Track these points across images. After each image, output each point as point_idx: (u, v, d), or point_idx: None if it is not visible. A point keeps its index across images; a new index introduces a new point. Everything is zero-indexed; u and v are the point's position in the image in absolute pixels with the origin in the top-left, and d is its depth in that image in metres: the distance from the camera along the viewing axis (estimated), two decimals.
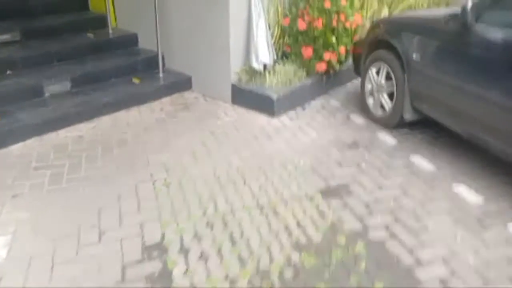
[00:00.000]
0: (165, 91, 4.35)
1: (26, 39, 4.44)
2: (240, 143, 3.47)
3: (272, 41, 4.10)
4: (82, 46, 4.49)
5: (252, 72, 4.10)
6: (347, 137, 3.57)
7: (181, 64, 4.58)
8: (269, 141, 3.51)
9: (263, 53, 3.97)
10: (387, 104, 3.60)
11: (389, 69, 3.51)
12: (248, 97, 4.06)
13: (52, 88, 3.89)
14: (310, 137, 3.59)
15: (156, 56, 4.58)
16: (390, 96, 3.59)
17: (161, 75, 4.51)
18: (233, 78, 4.15)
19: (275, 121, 3.86)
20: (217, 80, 4.27)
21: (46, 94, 3.87)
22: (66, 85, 3.99)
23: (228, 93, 4.21)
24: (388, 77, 3.57)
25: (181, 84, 4.50)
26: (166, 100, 4.28)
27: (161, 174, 3.02)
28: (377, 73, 3.69)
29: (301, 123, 3.83)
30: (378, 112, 3.72)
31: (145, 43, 4.89)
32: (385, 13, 5.10)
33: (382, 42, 3.65)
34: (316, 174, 3.04)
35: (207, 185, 2.91)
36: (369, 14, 4.87)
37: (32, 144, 3.36)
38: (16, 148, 3.30)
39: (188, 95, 4.43)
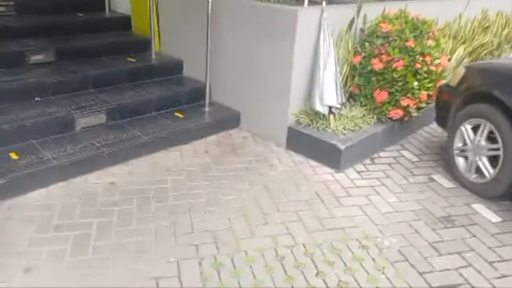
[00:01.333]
0: (210, 129, 3.73)
1: (60, 60, 3.91)
2: (302, 206, 2.78)
3: (341, 82, 3.44)
4: (121, 72, 3.92)
5: (313, 115, 3.44)
6: (436, 208, 2.83)
7: (230, 98, 3.96)
8: (339, 207, 2.80)
9: (330, 94, 3.31)
10: (487, 169, 2.85)
11: (493, 128, 2.78)
12: (307, 143, 3.39)
13: (85, 120, 3.32)
14: (389, 203, 2.86)
15: (202, 88, 3.97)
16: (491, 159, 2.87)
17: (207, 109, 3.90)
18: (290, 120, 3.50)
19: (341, 177, 3.16)
20: (271, 120, 3.63)
21: (78, 128, 3.29)
22: (101, 118, 3.42)
23: (282, 136, 3.55)
24: (490, 137, 2.86)
25: (229, 121, 3.87)
26: (211, 139, 3.66)
27: (209, 248, 2.34)
28: (474, 130, 2.97)
29: (374, 182, 3.12)
30: (472, 177, 2.97)
31: (191, 71, 4.30)
32: (459, 53, 4.40)
33: (481, 94, 2.94)
34: (409, 265, 2.30)
35: (269, 271, 2.21)
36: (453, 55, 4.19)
37: (55, 192, 2.76)
38: (36, 196, 2.70)
39: (236, 134, 3.80)
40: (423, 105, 3.47)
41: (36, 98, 3.43)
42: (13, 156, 2.84)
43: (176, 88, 3.97)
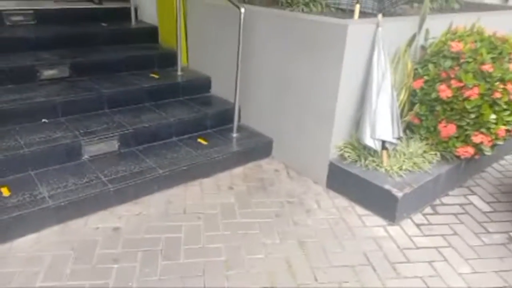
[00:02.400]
0: (238, 158, 3.17)
1: (76, 75, 3.47)
2: (348, 275, 2.13)
3: (399, 112, 2.79)
4: (142, 91, 3.43)
5: (361, 149, 2.81)
6: None
7: (261, 122, 3.39)
8: (396, 278, 2.13)
9: (384, 127, 2.67)
10: None
11: None
12: (353, 184, 2.76)
13: (93, 148, 2.84)
14: (461, 275, 2.17)
15: (231, 110, 3.45)
16: None
17: (234, 134, 3.35)
18: (333, 154, 2.89)
19: (397, 232, 2.51)
20: (309, 152, 3.02)
21: (85, 157, 2.83)
22: (112, 145, 2.94)
23: (322, 172, 2.94)
24: None
25: (259, 149, 3.29)
26: (238, 172, 3.10)
27: None
28: None
29: (438, 241, 2.44)
30: None
31: (219, 89, 3.77)
32: None
33: None
34: None
35: None
36: None
37: (48, 239, 2.27)
38: (24, 244, 2.22)
39: (266, 165, 3.22)
40: (500, 142, 2.76)
41: (43, 120, 2.99)
42: (4, 192, 2.39)
43: (201, 109, 3.44)
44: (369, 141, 2.71)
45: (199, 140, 3.23)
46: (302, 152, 3.08)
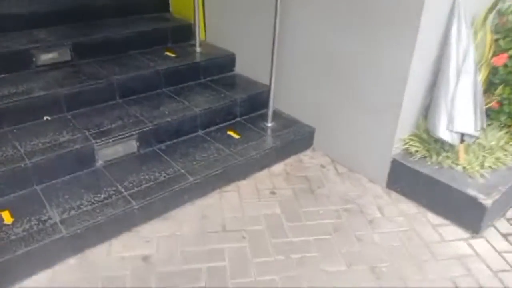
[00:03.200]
0: (276, 154, 2.67)
1: (79, 58, 2.91)
2: None
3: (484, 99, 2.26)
4: (158, 74, 2.88)
5: (431, 143, 2.32)
6: None
7: (300, 108, 2.85)
8: None
9: (465, 117, 2.14)
10: None
11: None
12: (422, 185, 2.27)
13: (108, 151, 2.35)
14: None
15: (263, 93, 2.91)
16: None
17: (269, 124, 2.83)
18: (396, 148, 2.41)
19: (484, 247, 2.04)
20: (363, 144, 2.52)
21: (99, 163, 2.35)
22: (131, 146, 2.45)
23: (382, 169, 2.45)
24: None
25: (300, 140, 2.80)
26: (278, 170, 2.62)
27: None
28: None
29: None
30: None
31: (246, 68, 3.21)
32: None
33: None
34: None
35: None
36: None
37: (63, 276, 1.81)
38: (34, 284, 1.82)
39: (309, 159, 2.74)
40: None
41: (45, 118, 2.48)
42: (6, 218, 1.93)
43: (228, 94, 2.91)
44: (444, 134, 2.20)
45: (229, 132, 2.73)
46: (353, 144, 2.58)
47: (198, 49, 3.26)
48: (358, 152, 2.57)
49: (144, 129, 2.45)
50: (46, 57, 2.78)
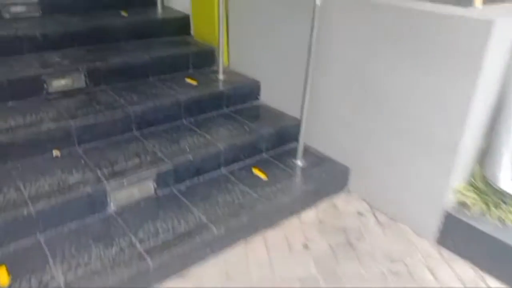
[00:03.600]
0: (307, 198, 2.37)
1: (95, 85, 2.70)
2: None
3: None
4: (178, 104, 2.61)
5: (490, 194, 2.02)
6: None
7: (332, 145, 2.55)
8: None
9: None
10: None
11: None
12: (481, 245, 1.95)
13: (123, 194, 2.08)
14: None
15: (291, 127, 2.65)
16: None
17: (299, 162, 2.56)
18: (448, 200, 2.11)
19: None
20: (408, 191, 2.21)
21: (111, 208, 2.08)
22: (148, 188, 2.18)
23: (431, 222, 2.12)
24: None
25: (333, 182, 2.50)
26: (309, 218, 2.32)
27: None
28: None
29: None
30: None
31: (271, 97, 2.94)
32: None
33: None
34: None
35: None
36: None
37: None
38: None
39: (344, 204, 2.43)
40: None
41: (54, 154, 2.25)
42: (1, 279, 1.67)
43: (253, 127, 2.64)
44: (506, 185, 1.91)
45: (255, 171, 2.46)
46: (396, 189, 2.28)
47: (221, 76, 3.02)
48: (402, 199, 2.27)
49: (163, 169, 2.19)
50: (58, 84, 2.56)
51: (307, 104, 2.37)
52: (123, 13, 3.35)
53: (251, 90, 3.01)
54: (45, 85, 2.51)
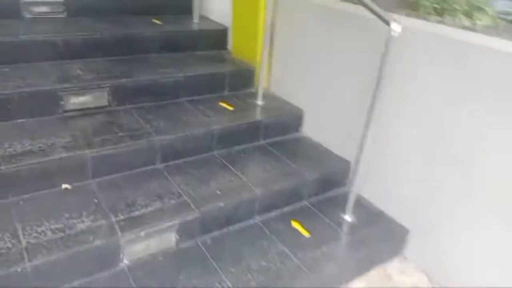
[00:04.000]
0: (357, 265, 1.97)
1: (118, 103, 2.35)
2: None
3: None
4: (210, 135, 2.26)
5: None
6: None
7: (390, 198, 2.15)
8: None
9: None
10: None
11: None
12: None
13: (139, 247, 1.71)
14: None
15: (340, 172, 2.28)
16: None
17: (348, 217, 2.14)
18: None
19: None
20: (484, 271, 1.81)
21: (124, 262, 1.71)
22: (168, 239, 1.79)
23: None
24: None
25: (387, 245, 2.08)
26: None
27: None
28: None
29: None
30: None
31: (316, 131, 2.55)
32: None
33: None
34: None
35: None
36: None
37: None
38: None
39: (398, 275, 1.99)
40: None
41: (64, 186, 1.91)
42: None
43: (295, 168, 2.25)
44: None
45: (294, 225, 2.07)
46: (465, 264, 1.87)
47: (259, 101, 2.65)
48: (471, 276, 1.85)
49: (189, 217, 1.83)
50: (77, 101, 2.23)
51: (367, 148, 1.98)
52: (156, 21, 3.01)
53: (293, 120, 2.63)
54: (61, 102, 2.19)
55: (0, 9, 2.63)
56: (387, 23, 1.74)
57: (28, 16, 2.72)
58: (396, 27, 1.73)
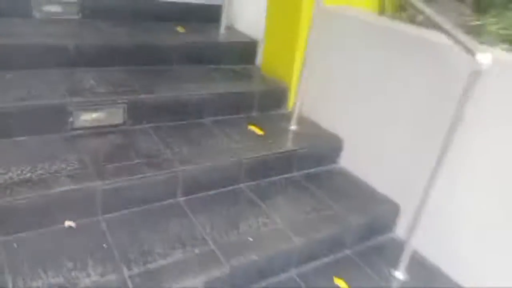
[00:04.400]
0: None
1: (134, 122, 2.03)
2: None
3: None
4: (238, 166, 1.93)
5: None
6: None
7: (449, 255, 1.81)
8: None
9: None
10: None
11: None
12: None
13: None
14: None
15: (388, 216, 1.96)
16: None
17: (400, 275, 1.81)
18: None
19: None
20: None
21: None
22: None
23: None
24: None
25: None
26: None
27: None
28: None
29: None
30: None
31: (356, 163, 2.21)
32: None
33: None
34: None
35: None
36: None
37: None
38: None
39: None
40: None
41: (67, 224, 1.59)
42: None
43: (337, 210, 1.89)
44: None
45: (337, 282, 1.74)
46: None
47: (293, 125, 2.33)
48: None
49: (216, 272, 1.50)
50: (88, 118, 1.91)
51: (428, 199, 1.66)
52: (179, 29, 2.71)
53: (330, 149, 2.31)
54: (70, 119, 1.87)
55: (9, 6, 2.34)
56: (472, 53, 1.43)
57: (38, 15, 2.41)
58: (483, 58, 1.41)
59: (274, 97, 2.49)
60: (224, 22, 2.83)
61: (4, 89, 1.86)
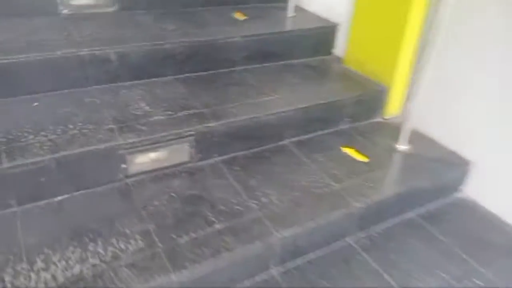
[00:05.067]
0: None
1: (203, 156, 1.50)
2: None
3: None
4: (348, 218, 1.41)
5: None
6: None
7: None
8: None
9: None
10: None
11: None
12: None
13: None
14: None
15: None
16: None
17: None
18: None
19: None
20: None
21: None
22: None
23: None
24: None
25: None
26: None
27: None
28: None
29: None
30: None
31: (486, 195, 1.63)
32: None
33: None
34: None
35: None
36: None
37: None
38: None
39: None
40: None
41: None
42: None
43: (482, 274, 1.36)
44: None
45: None
46: None
47: (402, 146, 1.76)
48: None
49: None
50: (145, 160, 1.42)
51: None
52: (238, 16, 2.12)
53: (454, 177, 1.75)
54: (123, 165, 1.38)
55: (29, 2, 1.81)
56: None
57: (65, 11, 1.87)
58: None
59: (368, 103, 1.90)
60: (292, 3, 2.21)
61: (33, 125, 1.38)
